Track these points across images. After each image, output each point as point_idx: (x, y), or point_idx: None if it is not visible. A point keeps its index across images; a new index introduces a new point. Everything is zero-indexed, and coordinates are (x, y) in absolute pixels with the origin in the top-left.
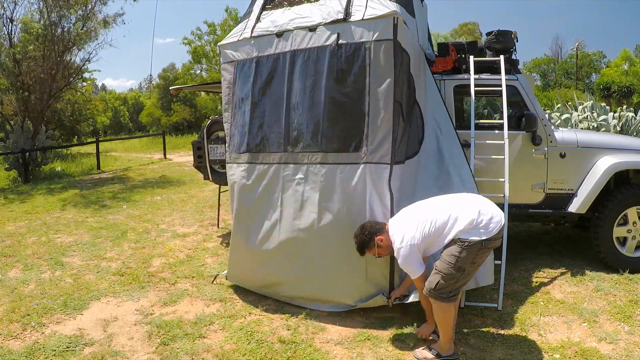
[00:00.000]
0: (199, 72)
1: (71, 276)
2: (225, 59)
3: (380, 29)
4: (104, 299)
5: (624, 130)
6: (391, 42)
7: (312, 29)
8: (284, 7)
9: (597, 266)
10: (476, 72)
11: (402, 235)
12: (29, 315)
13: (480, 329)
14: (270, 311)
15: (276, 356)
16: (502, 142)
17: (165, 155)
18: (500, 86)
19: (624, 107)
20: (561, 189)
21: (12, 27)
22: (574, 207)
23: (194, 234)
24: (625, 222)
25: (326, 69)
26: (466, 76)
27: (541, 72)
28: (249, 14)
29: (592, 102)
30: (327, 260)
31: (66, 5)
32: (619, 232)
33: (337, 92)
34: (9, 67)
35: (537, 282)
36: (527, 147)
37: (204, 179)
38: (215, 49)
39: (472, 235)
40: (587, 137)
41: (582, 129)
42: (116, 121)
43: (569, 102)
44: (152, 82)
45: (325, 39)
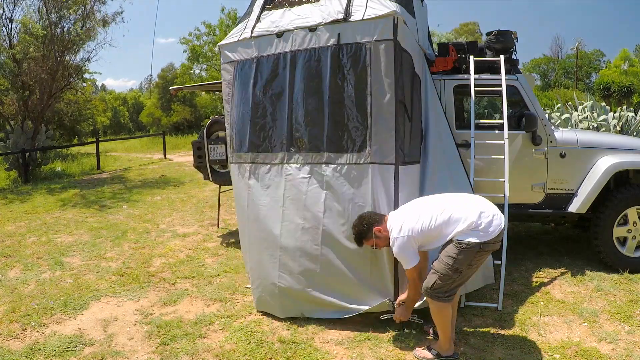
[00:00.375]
0: (198, 72)
1: (71, 276)
2: (225, 59)
3: (380, 29)
4: (104, 299)
5: (624, 130)
6: (391, 42)
7: (312, 29)
8: (284, 8)
9: (597, 266)
10: (476, 72)
11: (401, 225)
12: (29, 315)
13: (480, 329)
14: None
15: (276, 356)
16: (502, 142)
17: (165, 155)
18: (500, 86)
19: (624, 107)
20: (561, 189)
21: (11, 28)
22: (574, 207)
23: (194, 234)
24: (625, 222)
25: (328, 70)
26: (466, 76)
27: (541, 72)
28: (249, 14)
29: (592, 102)
30: (331, 262)
31: (65, 5)
32: (619, 232)
33: (339, 92)
34: (9, 67)
35: (537, 282)
36: (527, 147)
37: (204, 179)
38: (213, 49)
39: (471, 237)
40: (587, 137)
41: (582, 129)
42: (116, 121)
43: (569, 102)
44: (152, 82)
45: (325, 39)
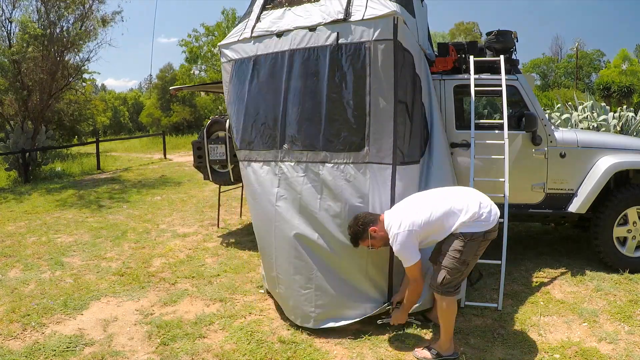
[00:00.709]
0: (197, 72)
1: (71, 276)
2: (225, 59)
3: (380, 28)
4: (104, 299)
5: (624, 130)
6: (391, 42)
7: (312, 28)
8: (284, 7)
9: (597, 266)
10: (476, 72)
11: (400, 221)
12: (29, 315)
13: (480, 329)
14: (270, 311)
15: (276, 356)
16: (502, 142)
17: (165, 155)
18: (500, 86)
19: (624, 107)
20: (561, 189)
21: (11, 28)
22: (574, 207)
23: (194, 234)
24: (625, 222)
25: (326, 69)
26: (466, 76)
27: (541, 72)
28: (248, 13)
29: (592, 102)
30: (327, 263)
31: (64, 5)
32: (619, 232)
33: (338, 91)
34: (8, 68)
35: (537, 282)
36: (527, 147)
37: (204, 179)
38: (212, 50)
39: (474, 228)
40: (587, 137)
41: (582, 129)
42: (116, 121)
43: (569, 102)
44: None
45: (325, 38)
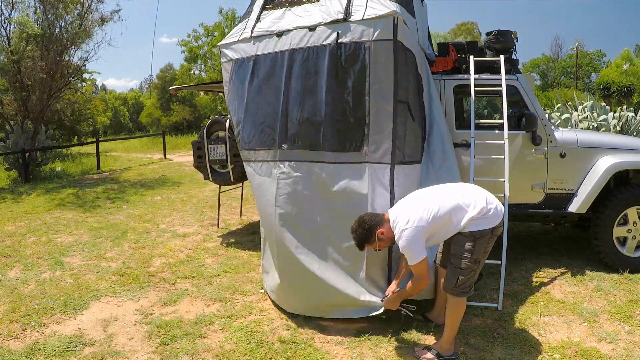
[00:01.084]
0: (197, 72)
1: (71, 276)
2: (225, 59)
3: (380, 28)
4: (104, 299)
5: (624, 130)
6: (391, 42)
7: (312, 28)
8: (284, 7)
9: (597, 266)
10: (476, 72)
11: (408, 217)
12: (29, 315)
13: (480, 329)
14: (270, 311)
15: (276, 356)
16: (502, 142)
17: (165, 155)
18: (500, 86)
19: (624, 107)
20: (561, 189)
21: (9, 28)
22: (574, 207)
23: (194, 234)
24: (625, 222)
25: (326, 69)
26: (466, 76)
27: (541, 72)
28: (248, 13)
29: (592, 102)
30: (327, 262)
31: (62, 4)
32: (619, 232)
33: (337, 91)
34: (8, 68)
35: (537, 282)
36: (527, 147)
37: (204, 179)
38: (212, 50)
39: (482, 225)
40: (587, 137)
41: (582, 129)
42: (116, 121)
43: (569, 102)
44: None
45: (324, 38)
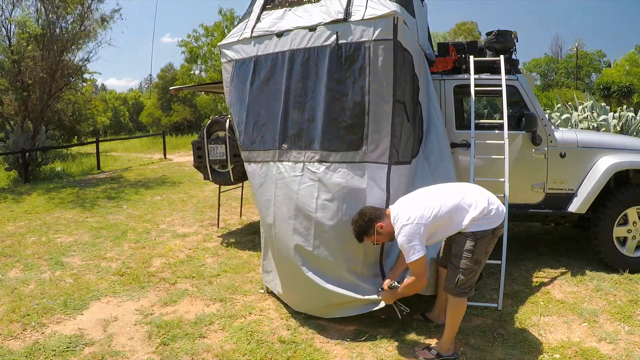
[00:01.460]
0: (198, 72)
1: (71, 276)
2: (225, 59)
3: (380, 28)
4: (104, 299)
5: (624, 130)
6: (391, 42)
7: (312, 29)
8: (284, 8)
9: (597, 266)
10: (476, 72)
11: (409, 214)
12: (29, 315)
13: (480, 329)
14: (270, 311)
15: (276, 356)
16: (502, 142)
17: (165, 155)
18: (500, 86)
19: (624, 107)
20: (561, 189)
21: (10, 28)
22: (574, 207)
23: (194, 234)
24: (625, 222)
25: (326, 69)
26: (466, 76)
27: (541, 72)
28: (249, 13)
29: (592, 102)
30: (325, 261)
31: (63, 4)
32: (619, 232)
33: (337, 91)
34: (7, 67)
35: (537, 282)
36: (527, 147)
37: (204, 179)
38: (212, 50)
39: (483, 226)
40: (587, 137)
41: (582, 129)
42: (116, 121)
43: (569, 102)
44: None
45: (325, 38)
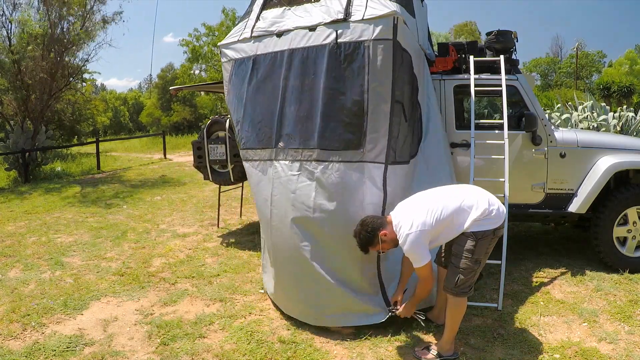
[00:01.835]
0: (198, 72)
1: (71, 276)
2: (225, 58)
3: (379, 28)
4: (104, 299)
5: (624, 130)
6: (390, 42)
7: (312, 28)
8: (284, 7)
9: (597, 266)
10: (476, 72)
11: (412, 221)
12: (29, 315)
13: (480, 329)
14: (270, 311)
15: (276, 356)
16: (502, 142)
17: (165, 155)
18: (500, 86)
19: (624, 107)
20: (561, 189)
21: (11, 28)
22: (574, 207)
23: (194, 234)
24: (625, 222)
25: (325, 68)
26: (466, 76)
27: (541, 72)
28: (248, 13)
29: (592, 102)
30: (323, 263)
31: (65, 5)
32: (619, 232)
33: (336, 90)
34: (8, 67)
35: (537, 282)
36: (527, 147)
37: (204, 179)
38: (212, 49)
39: (484, 226)
40: (587, 137)
41: (582, 129)
42: (116, 121)
43: (569, 102)
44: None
45: (324, 37)
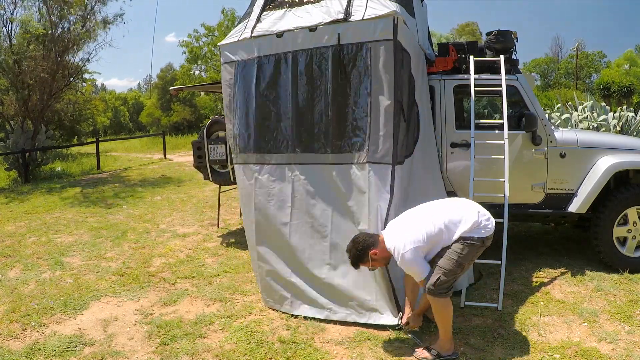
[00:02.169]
0: (197, 72)
1: (71, 276)
2: (225, 59)
3: (380, 29)
4: (104, 299)
5: (624, 130)
6: (391, 42)
7: (313, 29)
8: (285, 8)
9: (597, 266)
10: (476, 72)
11: (404, 240)
12: (29, 315)
13: (480, 329)
14: (270, 311)
15: (276, 356)
16: (502, 142)
17: (165, 155)
18: (500, 86)
19: (624, 107)
20: (561, 189)
21: (12, 27)
22: (574, 207)
23: (194, 234)
24: (625, 222)
25: (329, 70)
26: (466, 76)
27: (541, 72)
28: (248, 14)
29: (592, 102)
30: (340, 259)
31: (66, 5)
32: (619, 232)
33: (340, 92)
34: (9, 67)
35: (537, 282)
36: (527, 147)
37: (204, 179)
38: (212, 50)
39: (475, 234)
40: (587, 137)
41: (582, 129)
42: (116, 121)
43: (569, 102)
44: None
45: (326, 39)
